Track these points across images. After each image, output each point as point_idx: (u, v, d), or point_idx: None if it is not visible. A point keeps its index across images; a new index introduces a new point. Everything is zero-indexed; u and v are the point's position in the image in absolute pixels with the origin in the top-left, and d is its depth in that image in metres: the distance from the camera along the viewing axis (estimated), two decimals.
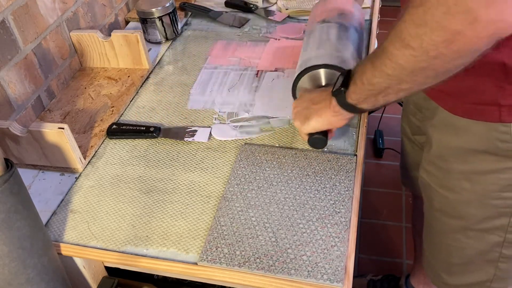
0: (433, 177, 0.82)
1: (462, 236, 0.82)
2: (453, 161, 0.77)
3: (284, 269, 0.66)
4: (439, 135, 0.78)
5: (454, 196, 0.79)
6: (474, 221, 0.79)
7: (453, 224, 0.82)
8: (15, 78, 0.91)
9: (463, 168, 0.76)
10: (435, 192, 0.83)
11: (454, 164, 0.77)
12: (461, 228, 0.81)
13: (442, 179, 0.81)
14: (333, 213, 0.72)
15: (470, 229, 0.80)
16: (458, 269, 0.88)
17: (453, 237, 0.84)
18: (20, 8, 0.90)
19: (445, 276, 0.91)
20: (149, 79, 1.07)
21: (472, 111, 0.70)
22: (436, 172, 0.81)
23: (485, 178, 0.74)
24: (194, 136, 0.89)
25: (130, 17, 1.29)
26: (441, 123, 0.76)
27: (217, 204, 0.76)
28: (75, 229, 0.75)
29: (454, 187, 0.79)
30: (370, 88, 0.64)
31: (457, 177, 0.77)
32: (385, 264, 1.57)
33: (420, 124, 0.89)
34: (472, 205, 0.78)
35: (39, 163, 0.85)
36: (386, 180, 1.84)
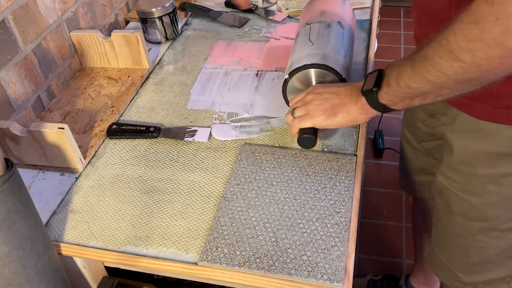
0: (453, 182, 0.82)
1: (484, 237, 0.82)
2: (478, 165, 0.77)
3: (284, 269, 0.66)
4: (461, 140, 0.78)
5: (478, 199, 0.79)
6: (498, 221, 0.79)
7: (475, 226, 0.82)
8: (15, 78, 0.91)
9: (489, 171, 0.76)
10: (455, 197, 0.83)
11: (479, 168, 0.77)
12: (484, 229, 0.82)
13: (464, 183, 0.80)
14: (333, 213, 0.72)
15: (493, 230, 0.81)
16: (477, 268, 0.88)
17: (473, 238, 0.84)
18: (20, 8, 0.90)
19: (462, 275, 0.91)
20: (149, 79, 1.07)
21: (499, 115, 0.70)
22: (457, 177, 0.81)
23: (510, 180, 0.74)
24: (194, 136, 0.89)
25: (130, 17, 1.29)
26: (464, 128, 0.76)
27: (217, 204, 0.76)
28: (75, 229, 0.75)
29: (478, 191, 0.79)
30: (407, 92, 0.65)
31: (482, 180, 0.77)
32: (385, 264, 1.57)
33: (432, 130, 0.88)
34: (497, 207, 0.78)
35: (39, 163, 0.85)
36: (386, 180, 1.84)
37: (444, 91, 0.61)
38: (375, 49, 1.13)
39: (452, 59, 0.55)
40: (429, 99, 0.64)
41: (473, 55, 0.53)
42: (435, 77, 0.58)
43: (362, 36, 1.12)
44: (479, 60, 0.53)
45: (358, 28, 1.14)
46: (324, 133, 0.87)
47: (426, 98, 0.64)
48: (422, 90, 0.62)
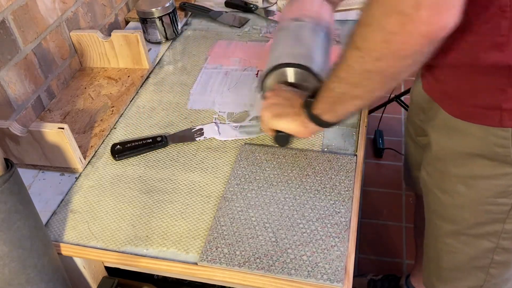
0: (431, 178, 0.82)
1: (453, 241, 0.81)
2: (450, 163, 0.76)
3: (284, 269, 0.66)
4: (438, 136, 0.78)
5: (448, 199, 0.78)
6: (467, 225, 0.78)
7: (445, 228, 0.82)
8: (15, 78, 0.91)
9: (459, 171, 0.75)
10: (432, 194, 0.82)
11: (451, 166, 0.76)
12: (453, 232, 0.81)
13: (438, 181, 0.80)
14: (333, 213, 0.72)
15: (461, 234, 0.80)
16: (448, 275, 0.87)
17: (444, 241, 0.83)
18: (20, 8, 0.90)
19: (435, 282, 0.90)
20: (149, 79, 1.07)
21: (472, 114, 0.69)
22: (434, 173, 0.81)
23: (480, 183, 0.73)
24: (203, 134, 0.89)
25: (130, 17, 1.29)
26: (441, 124, 0.76)
27: (217, 204, 0.76)
28: (75, 229, 0.75)
29: (448, 190, 0.78)
30: (328, 95, 0.66)
31: (453, 180, 0.76)
32: (385, 264, 1.57)
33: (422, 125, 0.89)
34: (465, 210, 0.77)
35: (39, 163, 0.85)
36: (386, 180, 1.84)
37: (356, 91, 0.62)
38: None
39: (353, 49, 0.56)
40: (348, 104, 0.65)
41: (366, 41, 0.53)
42: (344, 71, 0.60)
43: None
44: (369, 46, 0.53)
45: None
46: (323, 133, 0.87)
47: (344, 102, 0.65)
48: (338, 91, 0.64)
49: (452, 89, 0.70)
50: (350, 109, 0.67)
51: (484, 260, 0.80)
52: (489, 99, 0.66)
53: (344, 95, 0.64)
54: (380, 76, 0.57)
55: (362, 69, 0.57)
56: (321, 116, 0.70)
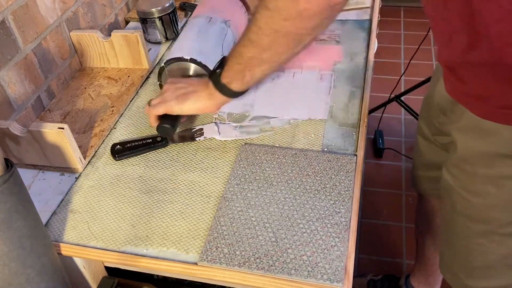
0: (457, 180, 0.82)
1: (485, 240, 0.82)
2: (478, 164, 0.76)
3: (284, 269, 0.66)
4: (465, 138, 0.77)
5: (479, 200, 0.78)
6: (498, 225, 0.79)
7: (476, 228, 0.82)
8: (15, 78, 0.91)
9: (488, 172, 0.75)
10: (458, 195, 0.82)
11: (479, 168, 0.76)
12: (484, 232, 0.81)
13: (466, 182, 0.80)
14: (333, 213, 0.72)
15: (493, 233, 0.80)
16: (479, 273, 0.87)
17: (475, 241, 0.83)
18: (20, 8, 0.90)
19: (464, 278, 0.90)
20: (149, 79, 1.07)
21: (500, 115, 0.69)
22: (461, 175, 0.81)
23: (510, 183, 0.74)
24: (203, 134, 0.89)
25: (130, 17, 1.29)
26: (468, 126, 0.76)
27: (217, 204, 0.76)
28: (75, 229, 0.75)
29: (478, 191, 0.78)
30: (237, 61, 0.70)
31: (482, 181, 0.76)
32: (385, 264, 1.57)
33: (442, 127, 0.88)
34: (496, 210, 0.77)
35: (39, 163, 0.85)
36: (386, 180, 1.84)
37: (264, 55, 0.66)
38: (375, 49, 1.13)
39: (263, 9, 0.61)
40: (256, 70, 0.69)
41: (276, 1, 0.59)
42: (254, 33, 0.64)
43: (362, 36, 1.12)
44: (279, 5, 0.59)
45: (358, 28, 1.14)
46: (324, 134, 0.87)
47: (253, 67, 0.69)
48: (247, 55, 0.67)
49: (478, 90, 0.70)
50: (257, 75, 0.70)
51: None
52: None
53: (253, 59, 0.67)
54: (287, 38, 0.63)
55: (270, 30, 0.62)
56: (229, 85, 0.74)
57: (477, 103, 0.72)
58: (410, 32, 2.59)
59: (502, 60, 0.63)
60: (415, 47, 1.74)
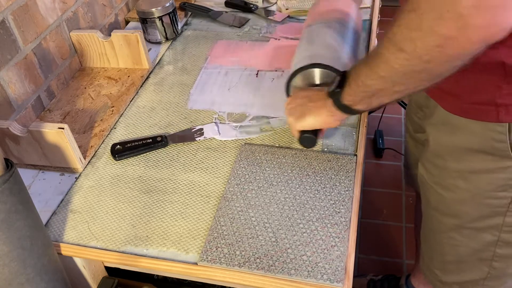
0: (430, 175, 0.83)
1: (456, 235, 0.83)
2: (449, 159, 0.77)
3: (284, 269, 0.66)
4: (436, 133, 0.79)
5: (449, 194, 0.80)
6: (469, 219, 0.79)
7: (448, 222, 0.83)
8: (15, 78, 0.91)
9: (459, 166, 0.76)
10: (432, 190, 0.83)
11: (450, 162, 0.77)
12: (456, 226, 0.82)
13: (438, 177, 0.81)
14: (333, 213, 0.72)
15: (464, 228, 0.81)
16: (452, 267, 0.88)
17: (447, 235, 0.84)
18: (20, 8, 0.90)
19: (439, 274, 0.91)
20: (149, 79, 1.07)
21: (469, 111, 0.70)
22: (433, 170, 0.82)
23: (480, 178, 0.74)
24: (203, 134, 0.89)
25: (130, 17, 1.29)
26: (439, 121, 0.77)
27: (217, 204, 0.76)
28: (75, 229, 0.75)
29: (449, 186, 0.79)
30: (364, 90, 0.65)
31: (452, 175, 0.78)
32: (385, 264, 1.57)
33: (420, 122, 0.89)
34: (466, 204, 0.78)
35: (39, 163, 0.85)
36: (386, 180, 1.84)
37: (396, 88, 0.61)
38: None
39: (397, 51, 0.54)
40: (385, 98, 0.64)
41: (414, 45, 0.52)
42: (385, 71, 0.58)
43: (362, 36, 1.12)
44: (419, 50, 0.52)
45: None
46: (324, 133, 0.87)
47: (382, 96, 0.64)
48: (376, 87, 0.63)
49: (449, 87, 0.71)
50: (386, 101, 0.65)
51: (487, 253, 0.81)
52: (486, 95, 0.67)
53: (383, 91, 0.63)
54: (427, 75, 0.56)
55: (407, 71, 0.56)
56: (352, 106, 0.69)
57: (448, 98, 0.73)
58: None
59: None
60: None
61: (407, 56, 0.53)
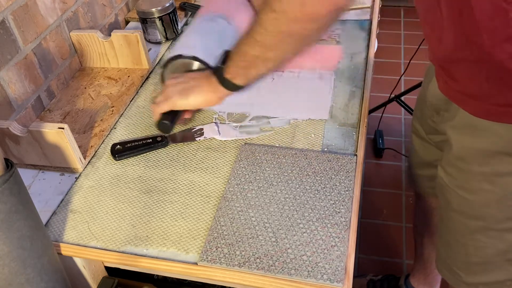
0: (452, 178, 0.82)
1: (482, 236, 0.82)
2: (473, 162, 0.76)
3: (284, 269, 0.66)
4: (459, 136, 0.78)
5: (474, 197, 0.79)
6: (494, 221, 0.79)
7: (473, 225, 0.82)
8: (15, 78, 0.91)
9: (483, 169, 0.75)
10: (454, 193, 0.82)
11: (474, 165, 0.76)
12: (481, 228, 0.81)
13: (461, 180, 0.80)
14: (333, 213, 0.72)
15: (490, 229, 0.81)
16: (478, 268, 0.88)
17: (472, 237, 0.84)
18: (20, 8, 0.90)
19: (463, 275, 0.91)
20: (149, 79, 1.07)
21: (494, 113, 0.69)
22: (456, 173, 0.81)
23: (506, 180, 0.74)
24: (203, 134, 0.89)
25: (130, 17, 1.29)
26: (462, 125, 0.76)
27: (217, 204, 0.76)
28: (75, 229, 0.75)
29: (474, 189, 0.78)
30: (242, 59, 0.70)
31: (477, 178, 0.77)
32: (385, 264, 1.57)
33: (436, 126, 0.89)
34: (492, 206, 0.78)
35: (39, 163, 0.85)
36: (386, 180, 1.84)
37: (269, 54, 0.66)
38: (375, 49, 1.13)
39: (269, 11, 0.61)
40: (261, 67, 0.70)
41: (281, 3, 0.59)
42: (259, 34, 0.64)
43: (362, 36, 1.12)
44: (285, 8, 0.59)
45: (358, 28, 1.14)
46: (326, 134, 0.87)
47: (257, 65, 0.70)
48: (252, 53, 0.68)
49: (470, 88, 0.70)
50: (262, 72, 0.71)
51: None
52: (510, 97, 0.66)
53: (258, 58, 0.68)
54: (293, 38, 0.63)
55: (277, 31, 0.62)
56: (233, 79, 0.74)
57: (470, 101, 0.72)
58: (410, 32, 2.59)
59: (493, 58, 0.63)
60: (415, 47, 1.74)
61: (276, 15, 0.60)
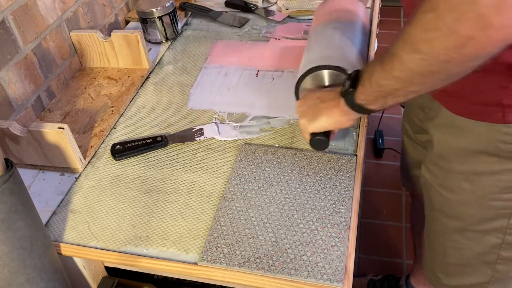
0: (434, 176, 0.82)
1: (460, 237, 0.82)
2: (453, 161, 0.77)
3: (284, 269, 0.66)
4: (441, 135, 0.78)
5: (454, 196, 0.79)
6: (473, 222, 0.79)
7: (452, 225, 0.82)
8: (15, 78, 0.91)
9: (463, 168, 0.76)
10: (435, 192, 0.83)
11: (454, 164, 0.77)
12: (459, 229, 0.81)
13: (442, 178, 0.81)
14: (333, 213, 0.72)
15: (468, 230, 0.80)
16: (455, 270, 0.88)
17: (451, 237, 0.84)
18: (20, 8, 0.90)
19: (442, 277, 0.91)
20: (149, 79, 1.07)
21: (475, 112, 0.70)
22: (437, 171, 0.81)
23: (485, 179, 0.74)
24: (203, 134, 0.89)
25: (130, 17, 1.29)
26: (444, 123, 0.77)
27: (217, 204, 0.76)
28: (75, 229, 0.75)
29: (453, 187, 0.79)
30: (378, 90, 0.64)
31: (457, 177, 0.77)
32: (385, 264, 1.57)
33: (422, 124, 0.89)
34: (471, 206, 0.78)
35: (39, 163, 0.85)
36: (386, 180, 1.84)
37: (412, 88, 0.60)
38: (375, 49, 1.13)
39: (413, 52, 0.53)
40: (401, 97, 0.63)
41: (431, 45, 0.51)
42: (401, 72, 0.57)
43: None
44: (437, 50, 0.51)
45: None
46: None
47: (397, 96, 0.63)
48: (391, 87, 0.62)
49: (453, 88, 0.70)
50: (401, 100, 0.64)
51: (491, 256, 0.81)
52: (491, 96, 0.67)
53: (398, 90, 0.62)
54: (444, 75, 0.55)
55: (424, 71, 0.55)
56: (366, 105, 0.68)
57: (452, 99, 0.72)
58: None
59: None
60: None
61: (424, 56, 0.53)
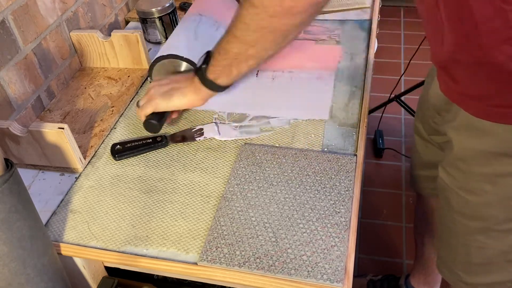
0: (453, 179, 0.82)
1: (482, 237, 0.82)
2: (474, 163, 0.76)
3: (284, 269, 0.66)
4: (460, 137, 0.78)
5: (475, 198, 0.79)
6: (496, 222, 0.79)
7: (473, 226, 0.82)
8: (15, 78, 0.91)
9: (484, 170, 0.75)
10: (454, 194, 0.82)
11: (475, 166, 0.76)
12: (482, 229, 0.81)
13: (462, 181, 0.80)
14: (333, 213, 0.72)
15: (491, 230, 0.80)
16: (478, 269, 0.88)
17: (473, 238, 0.83)
18: (20, 8, 0.90)
19: (462, 275, 0.91)
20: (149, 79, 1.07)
21: (495, 114, 0.69)
22: (456, 174, 0.81)
23: (506, 180, 0.74)
24: (203, 134, 0.89)
25: (130, 17, 1.29)
26: (463, 125, 0.76)
27: (217, 204, 0.76)
28: (75, 229, 0.75)
29: (474, 189, 0.78)
30: (223, 58, 0.72)
31: (477, 179, 0.77)
32: (385, 264, 1.57)
33: (438, 127, 0.89)
34: (493, 207, 0.78)
35: (39, 163, 0.85)
36: (386, 180, 1.84)
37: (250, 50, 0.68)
38: (375, 49, 1.13)
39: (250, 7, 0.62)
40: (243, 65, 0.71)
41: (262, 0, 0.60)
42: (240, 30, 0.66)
43: (362, 36, 1.12)
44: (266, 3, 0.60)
45: (358, 28, 1.14)
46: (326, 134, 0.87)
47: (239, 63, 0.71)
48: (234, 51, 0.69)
49: (471, 90, 0.70)
50: (244, 70, 0.72)
51: None
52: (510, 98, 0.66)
53: (239, 55, 0.69)
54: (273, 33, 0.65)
55: (257, 26, 0.64)
56: (216, 80, 0.76)
57: (471, 102, 0.72)
58: (410, 32, 2.59)
59: (492, 59, 0.63)
60: (415, 47, 1.74)
61: (256, 10, 0.62)
